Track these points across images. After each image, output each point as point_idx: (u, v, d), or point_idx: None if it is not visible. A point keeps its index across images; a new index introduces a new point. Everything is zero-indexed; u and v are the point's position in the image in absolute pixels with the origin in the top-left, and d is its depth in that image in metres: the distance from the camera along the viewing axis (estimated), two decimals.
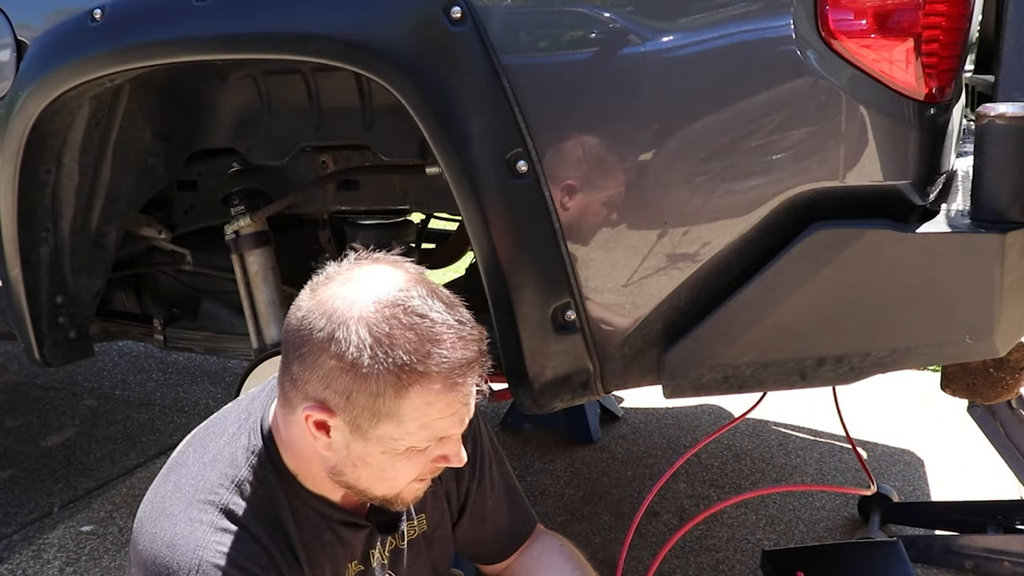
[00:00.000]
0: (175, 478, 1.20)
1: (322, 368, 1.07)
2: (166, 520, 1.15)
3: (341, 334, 1.05)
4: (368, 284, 1.09)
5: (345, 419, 1.09)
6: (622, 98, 1.43)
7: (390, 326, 1.06)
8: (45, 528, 2.61)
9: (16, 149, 1.84)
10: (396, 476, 1.16)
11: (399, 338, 1.05)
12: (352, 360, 1.05)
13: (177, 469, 1.22)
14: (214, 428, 1.28)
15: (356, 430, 1.10)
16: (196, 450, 1.24)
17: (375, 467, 1.14)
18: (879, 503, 2.51)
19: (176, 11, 1.61)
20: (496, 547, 1.49)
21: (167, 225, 2.25)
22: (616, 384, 1.59)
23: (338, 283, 1.11)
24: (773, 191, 1.40)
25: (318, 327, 1.07)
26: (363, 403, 1.07)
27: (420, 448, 1.13)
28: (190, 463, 1.22)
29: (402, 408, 1.08)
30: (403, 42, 1.48)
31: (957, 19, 1.35)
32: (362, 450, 1.12)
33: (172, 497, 1.17)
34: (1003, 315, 1.36)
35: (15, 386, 3.70)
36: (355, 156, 2.06)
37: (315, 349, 1.07)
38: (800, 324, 1.44)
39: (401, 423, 1.09)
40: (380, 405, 1.07)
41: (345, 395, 1.07)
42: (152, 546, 1.13)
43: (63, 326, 2.09)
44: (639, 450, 3.04)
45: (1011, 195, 1.31)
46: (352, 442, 1.12)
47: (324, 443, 1.13)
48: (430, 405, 1.08)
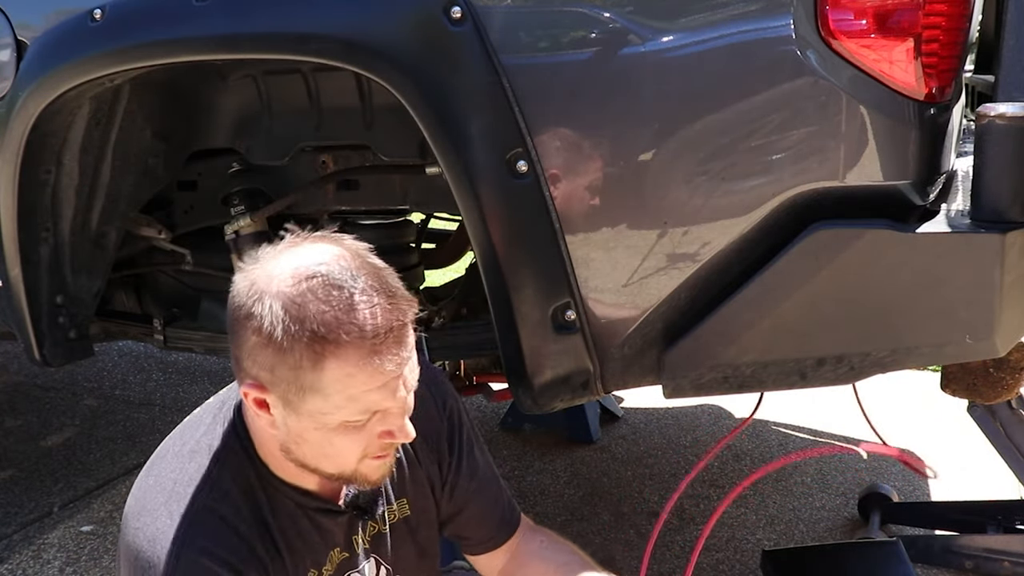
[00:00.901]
0: (156, 472, 1.21)
1: (247, 344, 1.07)
2: (147, 515, 1.15)
3: (257, 309, 1.05)
4: (292, 259, 1.08)
5: (277, 395, 1.08)
6: (622, 98, 1.43)
7: (303, 299, 1.04)
8: (45, 528, 2.61)
9: (16, 149, 1.84)
10: (338, 453, 1.13)
11: (312, 310, 1.04)
12: (268, 334, 1.04)
13: (158, 463, 1.22)
14: (193, 421, 1.27)
15: (288, 405, 1.09)
16: (175, 444, 1.24)
17: (314, 443, 1.12)
18: (879, 503, 2.51)
19: (176, 11, 1.61)
20: (483, 532, 1.47)
21: (167, 225, 2.24)
22: (616, 384, 1.59)
23: (265, 260, 1.10)
24: (773, 191, 1.40)
25: (239, 304, 1.07)
26: (287, 377, 1.06)
27: (355, 423, 1.10)
28: (169, 457, 1.22)
29: (323, 380, 1.06)
30: (403, 42, 1.48)
31: (957, 19, 1.35)
32: (297, 426, 1.11)
33: (152, 492, 1.18)
34: (1003, 315, 1.36)
35: (15, 386, 3.70)
36: (355, 156, 2.06)
37: (239, 326, 1.08)
38: (800, 324, 1.44)
39: (327, 396, 1.07)
40: (303, 379, 1.06)
41: (270, 370, 1.06)
42: (135, 541, 1.14)
43: (63, 326, 2.09)
44: (639, 450, 3.04)
45: (1011, 195, 1.31)
46: (288, 418, 1.10)
47: (267, 421, 1.12)
48: (350, 376, 1.06)
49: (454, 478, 1.41)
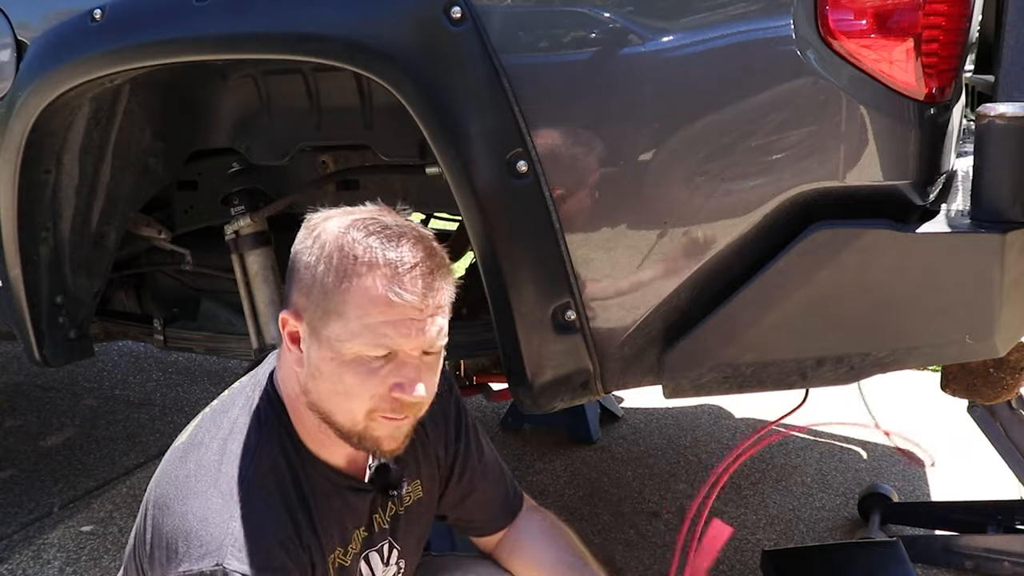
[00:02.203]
0: (195, 458, 1.21)
1: (298, 273, 1.18)
2: (195, 498, 1.16)
3: (309, 240, 1.18)
4: (354, 210, 1.22)
5: (307, 320, 1.17)
6: (622, 98, 1.43)
7: (347, 231, 1.16)
8: (45, 528, 2.61)
9: (16, 149, 1.84)
10: (348, 392, 1.16)
11: (351, 237, 1.16)
12: (311, 258, 1.17)
13: (195, 450, 1.23)
14: (221, 407, 1.29)
15: (313, 332, 1.16)
16: (210, 429, 1.25)
17: (327, 377, 1.16)
18: (879, 503, 2.51)
19: (176, 11, 1.61)
20: (488, 515, 1.50)
21: (167, 225, 2.24)
22: (616, 384, 1.59)
23: (334, 213, 1.22)
24: (773, 191, 1.40)
25: (298, 241, 1.20)
26: (317, 299, 1.15)
27: (367, 360, 1.14)
28: (207, 441, 1.23)
29: (346, 303, 1.13)
30: (403, 42, 1.48)
31: (957, 19, 1.35)
32: (316, 355, 1.16)
33: (197, 476, 1.19)
34: (1003, 315, 1.36)
35: (15, 386, 3.70)
36: (355, 156, 2.06)
37: (295, 260, 1.20)
38: (800, 324, 1.44)
39: (346, 321, 1.13)
40: (329, 300, 1.14)
41: (307, 293, 1.16)
42: (183, 523, 1.14)
43: (63, 326, 2.09)
44: (639, 450, 3.04)
45: (1011, 195, 1.31)
46: (311, 348, 1.17)
47: (295, 356, 1.19)
48: (372, 303, 1.13)
49: (463, 461, 1.44)
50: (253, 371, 1.34)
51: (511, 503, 1.51)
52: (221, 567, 1.09)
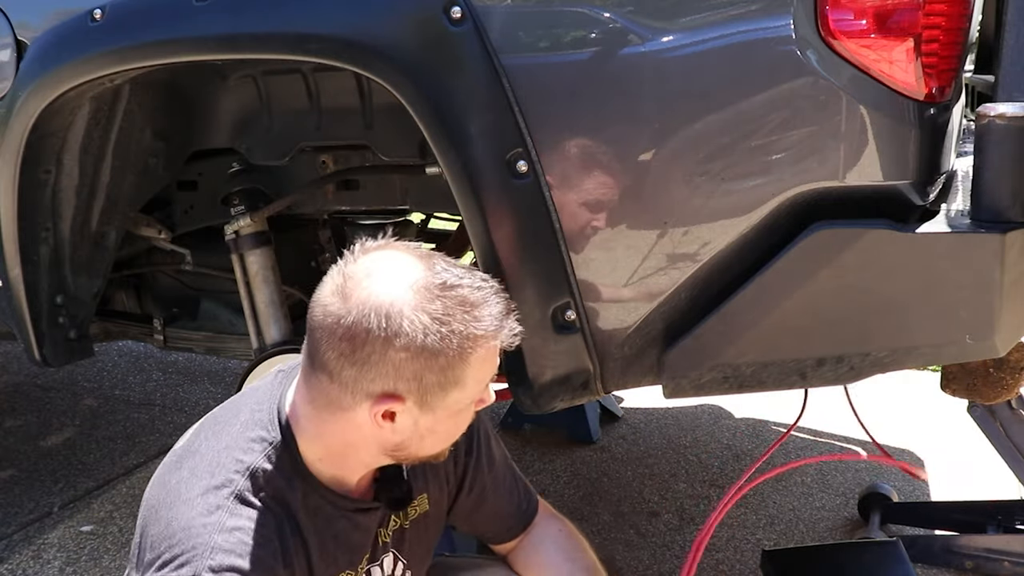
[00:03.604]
0: (189, 465, 1.21)
1: (390, 363, 1.12)
2: (182, 505, 1.16)
3: (403, 326, 1.11)
4: (396, 273, 1.15)
5: (414, 400, 1.15)
6: (622, 98, 1.43)
7: (439, 303, 1.13)
8: (45, 528, 2.61)
9: (16, 149, 1.84)
10: (458, 431, 1.25)
11: (452, 311, 1.13)
12: (421, 345, 1.12)
13: (190, 457, 1.23)
14: (224, 418, 1.28)
15: (425, 407, 1.16)
16: (208, 438, 1.24)
17: (442, 432, 1.22)
18: (879, 503, 2.51)
19: (176, 11, 1.61)
20: (501, 525, 1.50)
21: (167, 225, 2.24)
22: (616, 384, 1.59)
23: (365, 281, 1.14)
24: (773, 191, 1.40)
25: (373, 327, 1.11)
26: (433, 380, 1.14)
27: (478, 399, 1.22)
28: (203, 450, 1.22)
29: (467, 372, 1.15)
30: (403, 42, 1.48)
31: (957, 19, 1.35)
32: (431, 423, 1.18)
33: (187, 483, 1.18)
34: (1003, 315, 1.36)
35: (15, 386, 3.70)
36: (355, 156, 2.06)
37: (378, 348, 1.12)
38: (800, 324, 1.44)
39: (465, 387, 1.17)
40: (448, 377, 1.14)
41: (417, 380, 1.14)
42: (167, 530, 1.14)
43: (63, 326, 2.09)
44: (639, 450, 3.04)
45: (1011, 195, 1.31)
46: (420, 418, 1.17)
47: (389, 429, 1.18)
48: (486, 361, 1.17)
49: (473, 474, 1.44)
50: (258, 385, 1.32)
51: (525, 513, 1.51)
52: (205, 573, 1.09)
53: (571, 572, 1.47)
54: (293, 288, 2.22)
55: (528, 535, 1.51)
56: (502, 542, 1.51)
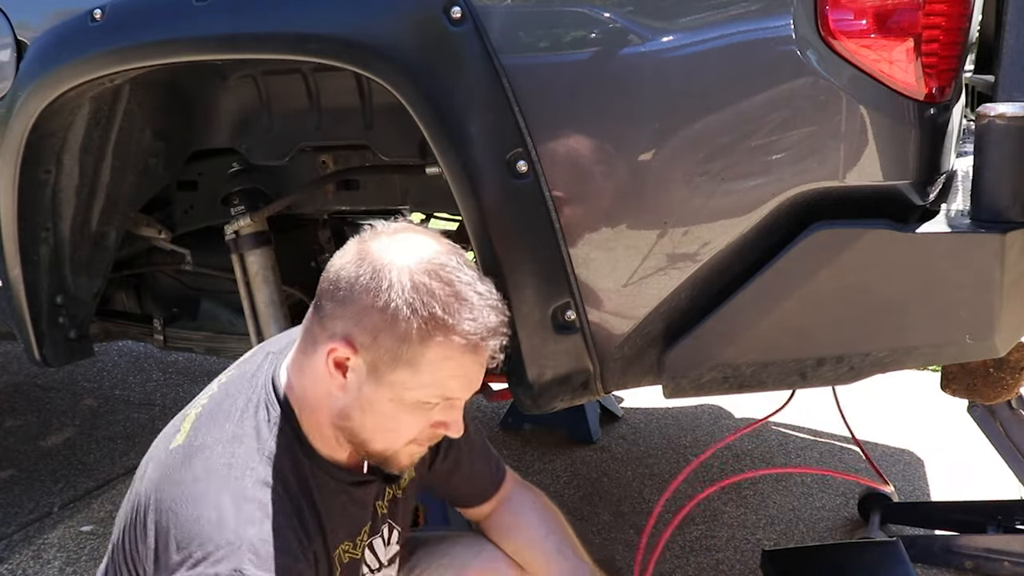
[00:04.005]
0: (202, 461, 1.20)
1: (357, 305, 1.16)
2: (206, 501, 1.15)
3: (385, 278, 1.14)
4: (414, 244, 1.19)
5: (365, 359, 1.16)
6: (622, 98, 1.43)
7: (429, 279, 1.15)
8: (45, 528, 2.61)
9: (16, 149, 1.84)
10: (398, 429, 1.22)
11: (436, 291, 1.14)
12: (387, 302, 1.14)
13: (200, 452, 1.21)
14: (223, 406, 1.27)
15: (373, 372, 1.17)
16: (211, 431, 1.24)
17: (380, 415, 1.20)
18: (879, 503, 2.51)
19: (176, 11, 1.61)
20: (475, 488, 1.57)
21: (167, 225, 2.24)
22: (616, 384, 1.59)
23: (386, 240, 1.19)
24: (773, 191, 1.40)
25: (364, 272, 1.16)
26: (388, 345, 1.15)
27: (426, 404, 1.20)
28: (211, 444, 1.22)
29: (423, 357, 1.15)
30: (403, 42, 1.48)
31: (957, 19, 1.35)
32: (373, 394, 1.18)
33: (207, 479, 1.18)
34: (1003, 315, 1.36)
35: (15, 386, 3.70)
36: (355, 156, 2.06)
37: (357, 290, 1.16)
38: (800, 324, 1.44)
39: (417, 372, 1.16)
40: (403, 350, 1.15)
41: (373, 335, 1.15)
42: (196, 527, 1.13)
43: (63, 326, 2.09)
44: (639, 450, 3.04)
45: (1011, 195, 1.31)
46: (365, 384, 1.18)
47: (338, 383, 1.19)
48: (448, 360, 1.16)
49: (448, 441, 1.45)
50: (245, 369, 1.33)
51: (496, 476, 1.58)
52: (239, 572, 1.09)
53: (547, 534, 1.53)
54: (293, 288, 2.22)
55: (504, 503, 1.56)
56: (476, 505, 1.57)
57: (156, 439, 1.35)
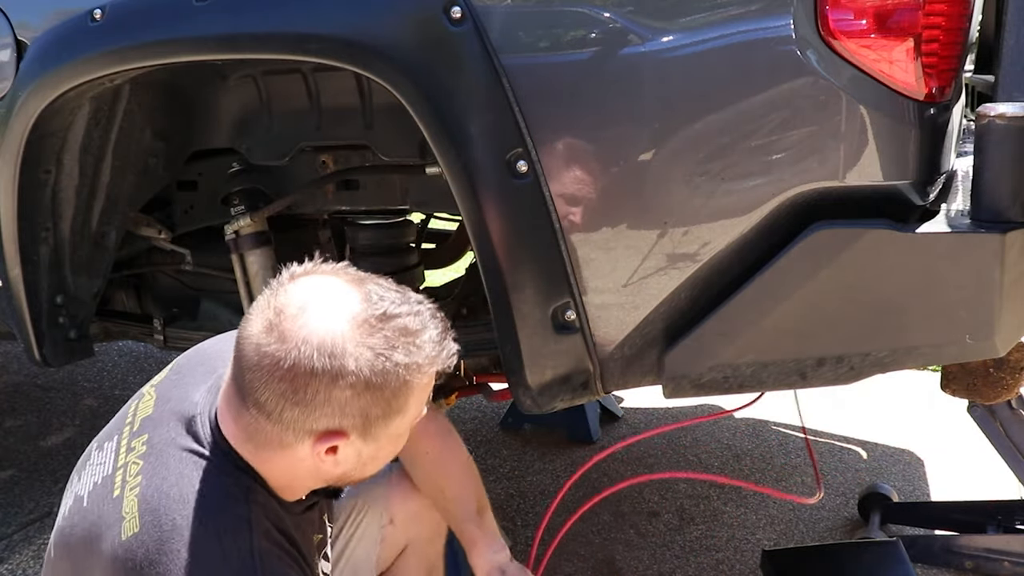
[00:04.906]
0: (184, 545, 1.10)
1: (335, 401, 1.10)
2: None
3: (347, 364, 1.08)
4: (332, 306, 1.11)
5: (358, 434, 1.14)
6: (622, 98, 1.43)
7: (380, 337, 1.11)
8: (45, 528, 2.61)
9: (16, 149, 1.84)
10: (396, 451, 1.25)
11: (394, 342, 1.11)
12: (366, 381, 1.10)
13: (174, 536, 1.10)
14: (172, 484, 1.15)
15: (368, 438, 1.16)
16: (171, 508, 1.13)
17: (383, 457, 1.23)
18: (879, 503, 2.51)
19: (176, 11, 1.61)
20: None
21: (167, 225, 2.24)
22: (616, 384, 1.59)
23: (301, 317, 1.10)
24: (773, 191, 1.40)
25: (317, 367, 1.08)
26: (378, 413, 1.13)
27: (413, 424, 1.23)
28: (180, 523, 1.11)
29: (410, 400, 1.16)
30: (403, 42, 1.48)
31: (957, 19, 1.35)
32: (374, 451, 1.19)
33: (205, 561, 1.10)
34: (1003, 315, 1.36)
35: (15, 386, 3.70)
36: (355, 156, 2.06)
37: (323, 388, 1.09)
38: (800, 324, 1.44)
39: (406, 413, 1.17)
40: (392, 407, 1.14)
41: (362, 415, 1.13)
42: None
43: (63, 326, 2.09)
44: (639, 450, 3.04)
45: (1011, 195, 1.31)
46: (364, 449, 1.17)
47: (331, 463, 1.17)
48: (426, 385, 1.18)
49: None
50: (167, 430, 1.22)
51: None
52: None
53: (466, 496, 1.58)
54: None
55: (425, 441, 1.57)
56: None
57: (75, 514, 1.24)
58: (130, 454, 1.22)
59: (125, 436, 1.26)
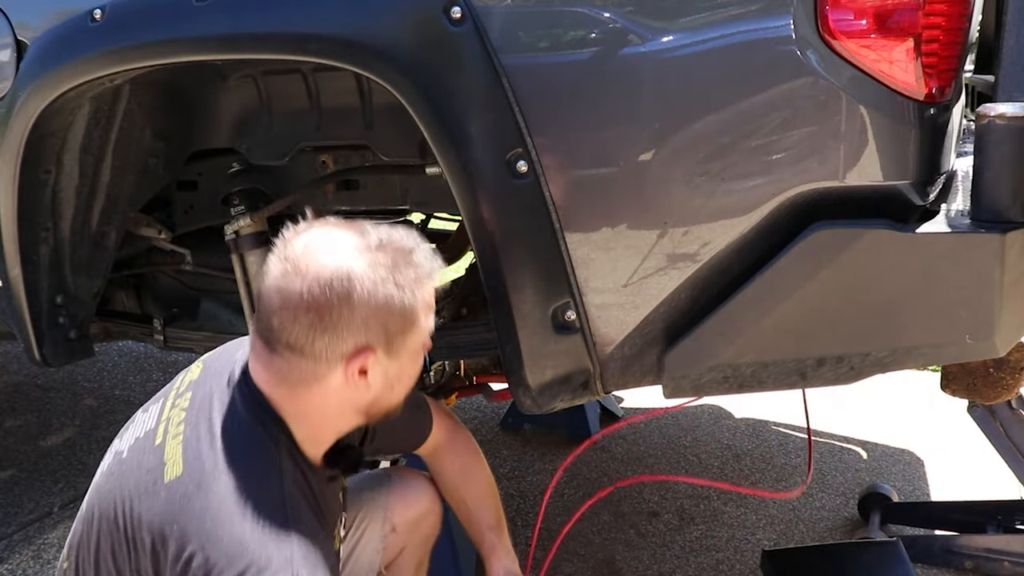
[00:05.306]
0: (216, 488, 1.18)
1: (358, 319, 1.20)
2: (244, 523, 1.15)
3: (363, 283, 1.20)
4: (336, 243, 1.23)
5: (383, 350, 1.24)
6: (622, 98, 1.43)
7: (384, 257, 1.22)
8: (45, 528, 2.61)
9: (16, 149, 1.84)
10: (416, 373, 1.34)
11: (396, 261, 1.23)
12: (382, 296, 1.21)
13: (215, 480, 1.19)
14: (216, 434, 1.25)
15: (392, 354, 1.25)
16: (217, 458, 1.22)
17: (407, 376, 1.32)
18: (879, 503, 2.51)
19: (176, 11, 1.61)
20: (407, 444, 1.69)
21: (167, 225, 2.24)
22: (616, 384, 1.59)
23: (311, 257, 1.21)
24: (773, 191, 1.40)
25: (337, 291, 1.19)
26: (396, 326, 1.23)
27: (426, 340, 1.31)
28: (222, 469, 1.20)
29: (419, 312, 1.26)
30: (403, 42, 1.48)
31: (957, 19, 1.35)
32: (398, 369, 1.28)
33: (235, 501, 1.17)
34: (1003, 315, 1.36)
35: (15, 386, 3.70)
36: (355, 156, 2.06)
37: (345, 309, 1.19)
38: (800, 324, 1.44)
39: (419, 326, 1.27)
40: (407, 319, 1.24)
41: (383, 328, 1.22)
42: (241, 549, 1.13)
43: (63, 326, 2.09)
44: (639, 450, 3.04)
45: (1011, 195, 1.31)
46: (389, 367, 1.26)
47: (363, 387, 1.25)
48: (430, 299, 1.28)
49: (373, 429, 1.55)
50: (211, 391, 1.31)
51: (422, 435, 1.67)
52: None
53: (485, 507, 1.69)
54: None
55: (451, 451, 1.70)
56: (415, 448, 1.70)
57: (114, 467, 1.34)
58: (173, 410, 1.32)
59: (171, 397, 1.36)
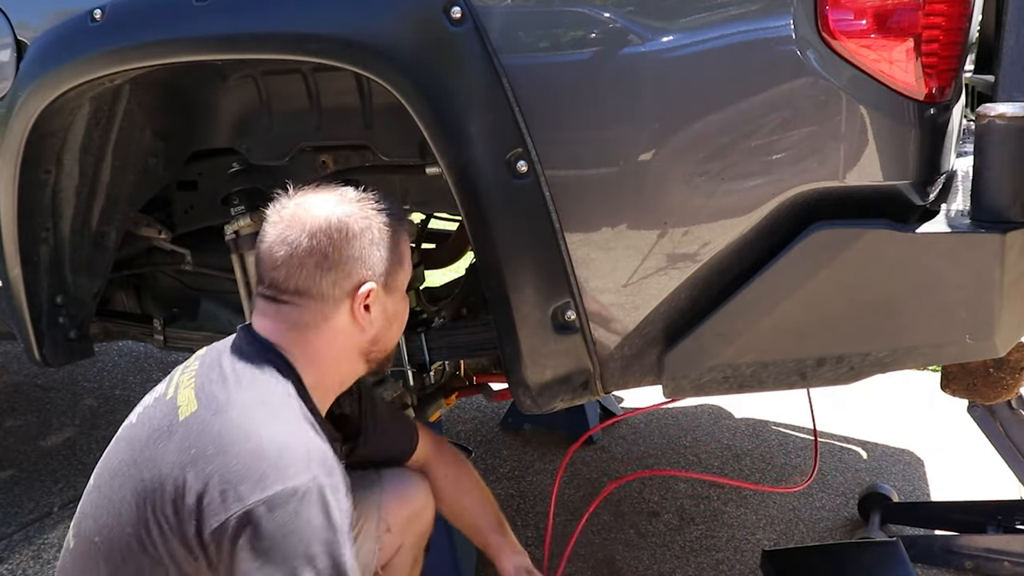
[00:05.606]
0: (235, 411, 1.24)
1: (357, 253, 1.34)
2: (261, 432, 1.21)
3: (357, 223, 1.35)
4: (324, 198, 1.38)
5: (381, 284, 1.37)
6: (622, 98, 1.43)
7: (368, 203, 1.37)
8: (45, 528, 2.61)
9: (16, 149, 1.84)
10: (404, 315, 1.47)
11: (376, 206, 1.38)
12: (375, 231, 1.36)
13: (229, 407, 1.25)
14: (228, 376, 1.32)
15: (388, 288, 1.39)
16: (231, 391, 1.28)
17: (400, 314, 1.45)
18: (879, 503, 2.51)
19: (176, 11, 1.61)
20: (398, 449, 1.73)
21: (167, 225, 2.24)
22: (616, 384, 1.59)
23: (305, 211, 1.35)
24: (773, 191, 1.40)
25: (335, 234, 1.33)
26: (390, 260, 1.38)
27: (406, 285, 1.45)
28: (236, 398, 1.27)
29: (404, 249, 1.42)
30: (403, 42, 1.48)
31: (957, 19, 1.35)
32: (393, 304, 1.41)
33: (250, 418, 1.23)
34: (1003, 315, 1.36)
35: (15, 386, 3.70)
36: (355, 156, 2.06)
37: (344, 247, 1.33)
38: (800, 324, 1.44)
39: (405, 264, 1.42)
40: (396, 254, 1.39)
41: (380, 261, 1.36)
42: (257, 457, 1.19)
43: (63, 326, 2.09)
44: (639, 450, 3.04)
45: (1011, 195, 1.31)
46: (387, 302, 1.40)
47: (367, 322, 1.37)
48: (408, 236, 1.44)
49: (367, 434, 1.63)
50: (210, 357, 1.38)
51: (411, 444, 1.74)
52: (316, 479, 1.19)
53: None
54: None
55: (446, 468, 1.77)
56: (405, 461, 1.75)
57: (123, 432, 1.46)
58: (183, 375, 1.39)
59: (179, 371, 1.42)
